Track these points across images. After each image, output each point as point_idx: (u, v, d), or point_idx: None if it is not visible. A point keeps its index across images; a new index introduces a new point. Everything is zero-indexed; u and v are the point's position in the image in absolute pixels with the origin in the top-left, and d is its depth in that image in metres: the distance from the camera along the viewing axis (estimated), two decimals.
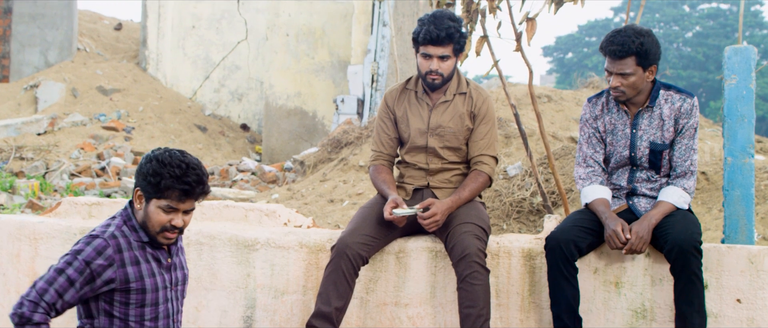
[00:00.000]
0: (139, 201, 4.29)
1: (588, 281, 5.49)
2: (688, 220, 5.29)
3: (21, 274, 5.86)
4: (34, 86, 19.03)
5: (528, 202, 9.31)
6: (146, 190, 4.24)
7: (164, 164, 4.19)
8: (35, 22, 19.99)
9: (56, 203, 6.21)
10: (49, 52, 20.04)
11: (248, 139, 19.61)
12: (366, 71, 15.52)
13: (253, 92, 20.26)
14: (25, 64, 19.91)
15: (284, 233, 5.78)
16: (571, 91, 14.75)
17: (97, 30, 22.30)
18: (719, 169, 9.35)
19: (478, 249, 5.31)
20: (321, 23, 17.74)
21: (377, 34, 15.44)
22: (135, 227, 4.32)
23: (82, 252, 4.19)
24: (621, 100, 5.45)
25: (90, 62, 20.32)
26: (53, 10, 20.08)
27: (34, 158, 15.99)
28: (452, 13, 5.68)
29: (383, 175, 5.76)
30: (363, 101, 15.57)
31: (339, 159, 12.65)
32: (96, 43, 21.52)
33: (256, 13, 20.04)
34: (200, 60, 20.37)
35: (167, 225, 4.27)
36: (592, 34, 49.81)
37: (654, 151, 5.44)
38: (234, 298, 5.74)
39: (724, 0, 48.80)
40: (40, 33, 20.00)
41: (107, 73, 19.91)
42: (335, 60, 17.75)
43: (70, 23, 20.16)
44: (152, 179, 4.20)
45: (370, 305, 5.68)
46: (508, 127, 11.59)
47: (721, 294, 5.42)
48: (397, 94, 5.86)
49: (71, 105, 18.69)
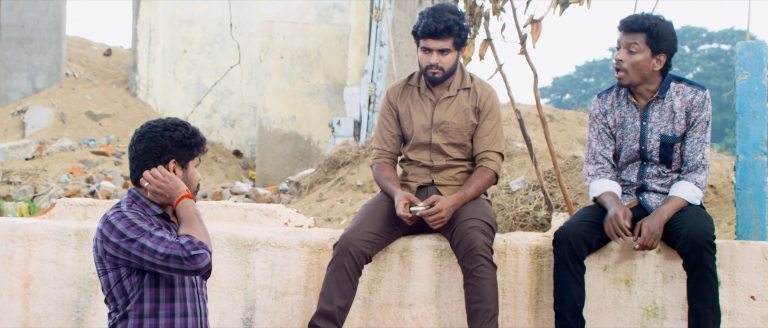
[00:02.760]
0: (176, 171, 4.44)
1: (597, 278, 5.49)
2: (701, 215, 5.29)
3: (14, 276, 5.85)
4: (22, 111, 19.05)
5: (532, 216, 9.31)
6: (185, 155, 4.45)
7: (186, 125, 4.45)
8: (23, 46, 20.02)
9: (50, 205, 6.20)
10: (36, 77, 20.05)
11: (241, 165, 19.61)
12: (363, 92, 15.55)
13: (246, 118, 20.27)
14: (12, 90, 19.93)
15: (285, 233, 5.77)
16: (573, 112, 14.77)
17: (86, 55, 22.34)
18: (728, 182, 9.38)
19: (484, 243, 5.30)
20: (316, 45, 17.80)
21: (374, 55, 15.49)
22: (145, 203, 4.42)
23: (123, 219, 4.26)
24: (623, 82, 5.45)
25: (79, 87, 20.34)
26: (41, 35, 20.11)
27: (21, 182, 15.97)
28: (453, 6, 5.69)
29: (387, 172, 5.76)
30: (360, 123, 15.59)
31: (336, 179, 12.64)
32: (85, 68, 21.55)
33: (249, 37, 20.09)
34: (192, 85, 20.39)
35: (200, 181, 4.57)
36: (590, 74, 49.93)
37: (665, 145, 5.44)
38: (233, 299, 5.73)
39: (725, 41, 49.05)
40: (27, 58, 20.03)
41: (96, 98, 19.93)
42: (331, 83, 17.79)
43: (59, 48, 20.19)
44: (192, 139, 4.44)
45: (374, 305, 5.67)
46: (509, 145, 11.60)
47: (734, 291, 5.41)
48: (400, 90, 5.87)
49: (60, 130, 18.70)
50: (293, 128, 17.99)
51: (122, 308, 4.32)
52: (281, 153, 17.96)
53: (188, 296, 4.39)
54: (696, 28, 50.30)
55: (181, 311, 4.36)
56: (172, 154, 4.41)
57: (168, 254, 4.13)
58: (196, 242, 4.16)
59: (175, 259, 4.12)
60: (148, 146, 4.38)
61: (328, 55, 17.75)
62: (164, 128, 4.40)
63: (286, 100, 17.97)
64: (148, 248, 4.15)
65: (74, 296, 5.82)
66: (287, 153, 17.94)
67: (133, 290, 4.30)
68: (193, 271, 4.15)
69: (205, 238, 4.25)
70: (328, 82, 17.82)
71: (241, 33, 20.17)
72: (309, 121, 17.92)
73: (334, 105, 17.72)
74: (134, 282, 4.29)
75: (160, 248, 4.14)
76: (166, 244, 4.14)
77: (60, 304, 5.82)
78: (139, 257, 4.18)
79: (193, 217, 4.32)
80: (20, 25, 19.99)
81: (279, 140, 17.99)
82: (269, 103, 18.00)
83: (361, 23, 16.98)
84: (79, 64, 21.61)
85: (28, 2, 20.04)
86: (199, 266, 4.14)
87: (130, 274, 4.27)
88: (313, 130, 17.88)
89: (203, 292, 4.50)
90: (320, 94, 17.87)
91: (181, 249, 4.12)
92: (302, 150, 17.94)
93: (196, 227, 4.27)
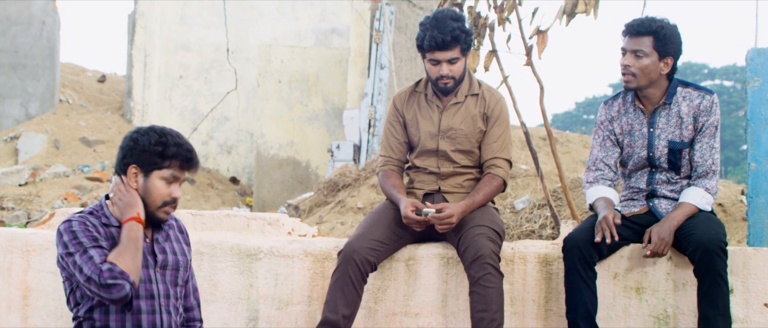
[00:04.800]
0: (134, 179, 4.28)
1: (607, 286, 5.48)
2: (712, 221, 5.30)
3: (12, 287, 5.84)
4: (15, 138, 19.04)
5: (537, 234, 9.31)
6: (147, 162, 4.25)
7: (164, 133, 4.25)
8: (16, 73, 20.04)
9: (49, 215, 6.20)
10: (30, 103, 20.05)
11: (238, 191, 19.58)
12: (363, 116, 15.55)
13: (243, 144, 20.26)
14: (5, 116, 19.91)
15: (288, 242, 5.77)
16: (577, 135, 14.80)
17: (80, 82, 22.37)
18: (736, 200, 9.39)
19: (491, 251, 5.30)
20: (315, 69, 17.82)
21: (374, 77, 15.51)
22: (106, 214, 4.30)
23: (69, 231, 4.17)
24: (631, 86, 5.46)
25: (73, 114, 20.35)
26: (35, 61, 20.12)
27: (15, 208, 15.96)
28: (454, 12, 5.68)
29: (393, 179, 5.76)
30: (359, 147, 15.59)
31: (336, 201, 12.64)
32: (79, 94, 21.57)
33: (246, 62, 20.09)
34: (188, 111, 20.40)
35: (168, 198, 4.32)
36: (590, 111, 50.02)
37: (673, 151, 5.45)
38: (235, 310, 5.72)
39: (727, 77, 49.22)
40: (20, 84, 20.03)
41: (91, 124, 19.94)
42: (330, 107, 17.80)
43: (52, 75, 20.20)
44: (157, 147, 4.23)
45: (379, 314, 5.66)
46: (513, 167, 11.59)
47: (747, 298, 5.41)
48: (407, 96, 5.88)
49: (53, 156, 18.69)
50: (291, 154, 17.99)
51: (76, 315, 4.28)
52: (279, 179, 17.94)
53: (145, 308, 4.28)
54: (697, 64, 50.52)
55: (133, 323, 4.25)
56: (134, 159, 4.27)
57: (89, 277, 4.04)
58: (117, 270, 4.04)
59: (94, 283, 4.03)
60: (120, 148, 4.31)
61: (327, 79, 17.76)
62: (137, 131, 4.29)
63: (284, 125, 17.97)
64: (78, 266, 4.08)
65: None
66: (285, 179, 17.93)
67: (84, 299, 4.25)
68: (108, 299, 4.06)
69: (133, 267, 4.10)
70: (326, 106, 17.84)
71: (238, 58, 20.18)
72: (307, 147, 17.91)
73: (332, 130, 17.71)
74: (84, 291, 4.22)
75: (85, 269, 4.05)
76: (90, 265, 4.05)
77: (59, 316, 5.81)
78: (73, 273, 4.11)
79: (129, 242, 4.17)
80: (13, 50, 20.01)
81: (277, 166, 17.97)
82: (267, 129, 18.00)
83: (360, 46, 17.00)
84: (73, 90, 21.63)
85: (22, 28, 20.07)
86: (113, 296, 4.04)
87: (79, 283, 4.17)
88: (312, 155, 17.87)
89: (170, 303, 4.37)
90: (319, 118, 17.88)
91: (99, 275, 4.02)
92: (300, 176, 17.93)
93: (127, 254, 4.13)
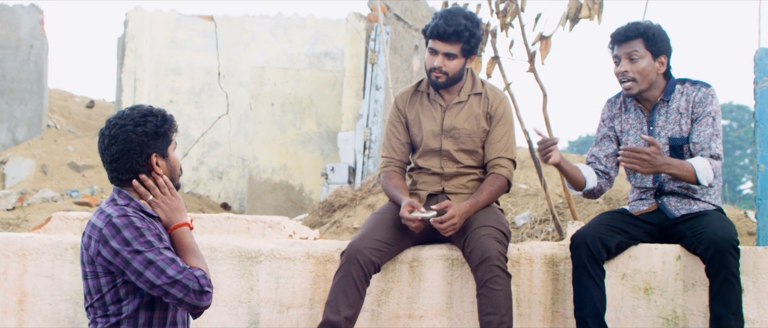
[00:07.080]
0: (159, 164, 4.28)
1: (615, 287, 5.49)
2: (723, 220, 5.32)
3: (8, 292, 5.83)
4: (2, 163, 19.05)
5: None
6: (163, 143, 4.28)
7: (153, 113, 4.29)
8: (3, 97, 20.05)
9: (46, 219, 6.20)
10: (17, 128, 20.06)
11: None
12: (358, 138, 15.58)
13: (235, 170, 20.24)
14: None
15: (290, 244, 5.78)
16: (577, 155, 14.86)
17: (68, 107, 22.41)
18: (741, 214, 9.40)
19: (498, 252, 5.31)
20: (308, 92, 17.86)
21: (370, 99, 15.56)
22: (140, 205, 4.25)
23: (131, 226, 4.11)
24: (633, 92, 5.50)
25: (61, 139, 20.37)
26: (22, 86, 20.13)
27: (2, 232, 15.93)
28: (469, 12, 5.72)
29: (395, 180, 5.77)
30: (354, 169, 15.61)
31: (331, 222, 12.65)
32: (67, 120, 21.60)
33: (237, 86, 20.11)
34: (178, 136, 20.38)
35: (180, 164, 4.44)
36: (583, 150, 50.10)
37: (674, 147, 5.48)
38: (236, 313, 5.72)
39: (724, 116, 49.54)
40: (8, 109, 20.05)
41: (79, 149, 19.95)
42: (324, 130, 17.84)
43: (40, 99, 20.22)
44: (165, 126, 4.28)
45: (382, 317, 5.67)
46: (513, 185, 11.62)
47: (758, 299, 5.43)
48: (409, 96, 5.91)
49: (41, 181, 18.70)
50: (284, 178, 18.00)
51: (114, 315, 4.15)
52: (272, 203, 17.94)
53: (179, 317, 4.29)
54: None
55: (171, 319, 4.24)
56: (151, 148, 4.25)
57: (177, 280, 4.01)
58: (209, 278, 4.08)
59: (183, 288, 4.01)
60: (124, 148, 4.21)
61: (321, 101, 17.80)
62: (135, 124, 4.22)
63: (276, 148, 18.00)
64: (157, 266, 4.02)
65: (70, 312, 5.81)
66: (278, 203, 17.92)
67: (129, 297, 4.15)
68: (192, 306, 4.05)
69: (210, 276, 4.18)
70: (320, 129, 17.87)
71: (229, 82, 20.19)
72: (301, 170, 17.92)
73: (326, 153, 17.74)
74: (130, 289, 4.14)
75: (170, 271, 4.02)
76: (177, 268, 4.03)
77: (55, 321, 5.80)
78: (139, 272, 4.02)
79: (197, 250, 4.23)
80: (0, 75, 20.04)
81: (269, 190, 17.98)
82: (259, 152, 18.02)
83: (355, 67, 17.05)
84: (61, 115, 21.66)
85: (9, 52, 20.10)
86: (202, 304, 4.05)
87: (126, 281, 4.11)
88: (305, 179, 17.88)
89: None
90: (312, 142, 17.90)
91: (195, 281, 4.02)
92: (294, 200, 17.92)
93: (201, 261, 4.18)
